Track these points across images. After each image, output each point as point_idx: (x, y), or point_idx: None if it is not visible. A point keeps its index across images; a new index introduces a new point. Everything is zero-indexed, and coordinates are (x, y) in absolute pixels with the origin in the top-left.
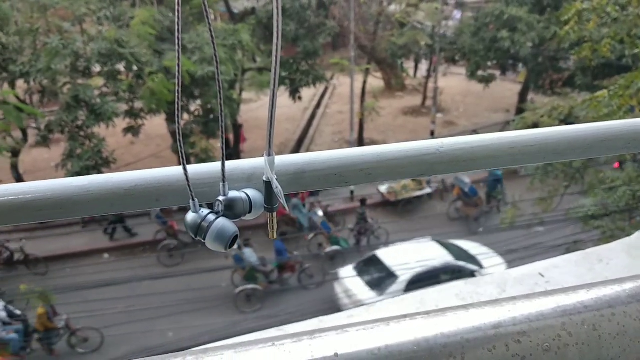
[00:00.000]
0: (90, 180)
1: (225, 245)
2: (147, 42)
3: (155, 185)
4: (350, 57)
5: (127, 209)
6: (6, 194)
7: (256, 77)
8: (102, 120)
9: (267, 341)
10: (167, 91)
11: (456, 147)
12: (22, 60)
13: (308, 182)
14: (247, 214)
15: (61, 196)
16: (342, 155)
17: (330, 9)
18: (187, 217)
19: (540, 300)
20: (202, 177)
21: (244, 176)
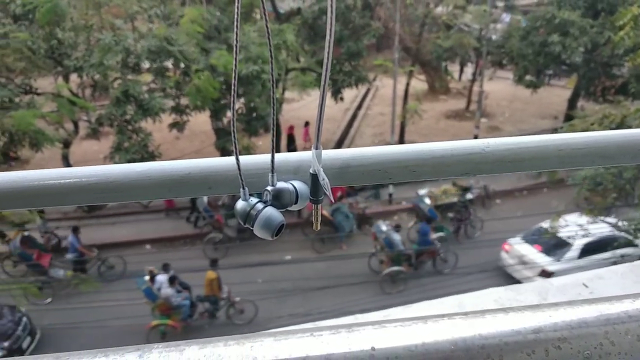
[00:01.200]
0: (149, 166)
1: (271, 233)
2: (195, 40)
3: (209, 174)
4: (394, 59)
5: (183, 195)
6: (72, 176)
7: (299, 76)
8: (149, 115)
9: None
10: (212, 89)
11: (502, 147)
12: (76, 55)
13: (353, 177)
14: (294, 204)
15: (123, 180)
16: (387, 152)
17: (376, 10)
18: (237, 204)
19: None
20: (252, 168)
21: (291, 168)
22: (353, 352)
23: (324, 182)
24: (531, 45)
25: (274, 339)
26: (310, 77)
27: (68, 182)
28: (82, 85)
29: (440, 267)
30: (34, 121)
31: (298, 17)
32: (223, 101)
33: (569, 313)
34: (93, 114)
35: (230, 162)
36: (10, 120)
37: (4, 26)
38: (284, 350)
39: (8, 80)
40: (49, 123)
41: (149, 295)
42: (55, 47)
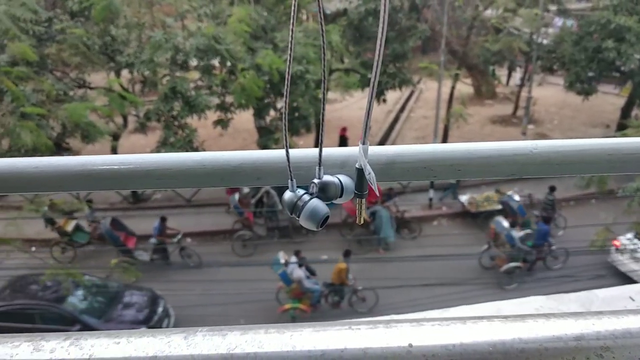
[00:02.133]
0: (204, 156)
1: (317, 224)
2: (242, 39)
3: (259, 165)
4: (439, 62)
5: (233, 184)
6: (134, 162)
7: (343, 77)
8: (195, 112)
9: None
10: (257, 87)
11: (551, 149)
12: (128, 51)
13: (397, 173)
14: (339, 197)
15: (180, 168)
16: (432, 150)
17: (423, 12)
18: (284, 195)
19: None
20: (300, 161)
21: (337, 162)
22: (390, 347)
23: (370, 177)
24: (584, 51)
25: (313, 330)
26: (354, 78)
27: (129, 168)
28: (133, 80)
29: (549, 264)
30: (86, 113)
31: (344, 18)
32: (266, 100)
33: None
34: (142, 109)
35: (280, 155)
36: (64, 112)
37: (61, 22)
38: (322, 342)
39: (63, 74)
40: (100, 116)
41: (285, 279)
42: (108, 43)
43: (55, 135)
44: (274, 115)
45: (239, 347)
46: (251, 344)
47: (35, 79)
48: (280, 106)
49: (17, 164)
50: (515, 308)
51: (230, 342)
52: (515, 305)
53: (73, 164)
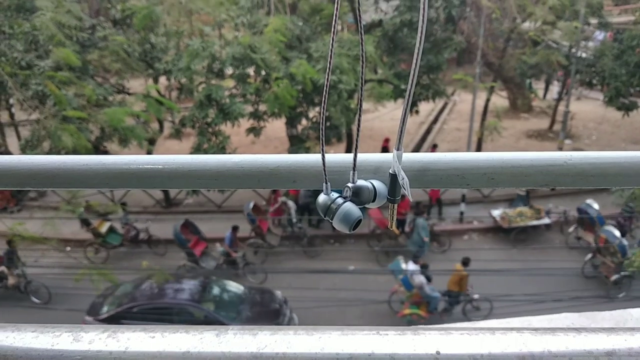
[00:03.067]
0: (243, 158)
1: (349, 227)
2: (277, 49)
3: (295, 169)
4: (474, 74)
5: (271, 186)
6: (175, 163)
7: (376, 88)
8: (229, 119)
9: (373, 329)
10: (290, 96)
11: (585, 160)
12: (166, 59)
13: (430, 180)
14: (372, 202)
15: (218, 169)
16: (466, 158)
17: (459, 23)
18: (319, 198)
19: None
20: (334, 165)
21: (371, 168)
22: (418, 354)
23: (404, 182)
24: (625, 65)
25: (341, 333)
26: (387, 89)
27: (172, 168)
28: (170, 87)
29: None
30: (124, 118)
31: (379, 28)
32: (299, 109)
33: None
34: (177, 115)
35: (315, 159)
36: (103, 116)
37: (104, 30)
38: (350, 345)
39: (104, 80)
40: (137, 121)
41: (406, 285)
42: (148, 50)
43: (94, 139)
44: (306, 124)
45: (269, 347)
46: (280, 344)
47: (77, 84)
48: (312, 115)
49: (68, 161)
50: (545, 323)
51: (260, 342)
52: (546, 320)
53: (120, 162)
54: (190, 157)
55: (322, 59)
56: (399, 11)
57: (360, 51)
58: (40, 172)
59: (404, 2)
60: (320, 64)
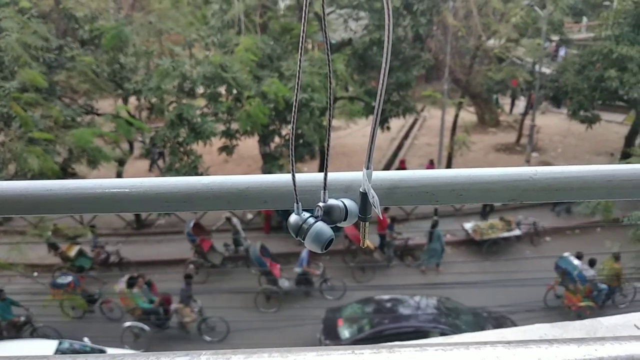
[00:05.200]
0: (212, 179)
1: (321, 247)
2: (248, 68)
3: (265, 189)
4: (443, 90)
5: (240, 207)
6: (142, 186)
7: (347, 105)
8: (201, 138)
9: (348, 349)
10: (262, 114)
11: (550, 175)
12: (136, 79)
13: (400, 198)
14: (343, 220)
15: (187, 191)
16: (434, 175)
17: (427, 41)
18: (290, 218)
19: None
20: (305, 185)
21: (342, 187)
22: None
23: (374, 200)
24: (587, 80)
25: (317, 354)
26: (358, 106)
27: (140, 191)
28: (140, 107)
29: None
30: (92, 139)
31: (349, 47)
32: (271, 127)
33: (616, 349)
34: (148, 135)
35: (286, 179)
36: (71, 137)
37: (71, 50)
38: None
39: (72, 100)
40: (106, 142)
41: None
42: (117, 71)
43: (62, 161)
44: (279, 141)
45: None
46: None
47: (44, 105)
48: (285, 133)
49: (30, 187)
50: (519, 335)
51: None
52: (519, 332)
53: (84, 187)
54: (158, 180)
55: (294, 77)
56: (368, 30)
57: (327, 69)
58: (2, 199)
59: (373, 22)
60: (292, 82)
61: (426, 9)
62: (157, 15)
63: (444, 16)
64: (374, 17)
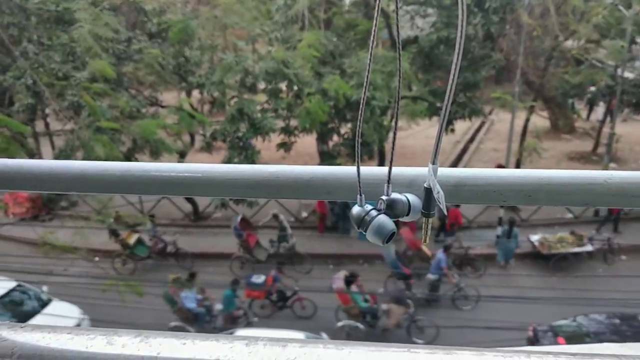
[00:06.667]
0: (278, 168)
1: (383, 240)
2: (310, 64)
3: (329, 180)
4: (514, 92)
5: (305, 197)
6: (211, 172)
7: (410, 105)
8: (260, 134)
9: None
10: (322, 112)
11: (627, 180)
12: (200, 72)
13: (466, 196)
14: (405, 215)
15: (254, 179)
16: (503, 175)
17: (498, 41)
18: (352, 210)
19: None
20: (369, 178)
21: (405, 181)
22: None
23: (439, 196)
24: None
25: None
26: (421, 106)
27: (209, 177)
28: (202, 101)
29: None
30: (156, 130)
31: (414, 45)
32: (330, 125)
33: None
34: (209, 129)
35: (350, 171)
36: (136, 128)
37: (139, 42)
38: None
39: (138, 92)
40: (169, 134)
41: None
42: (182, 64)
43: (126, 150)
44: (337, 140)
45: (298, 359)
46: (309, 356)
47: (111, 96)
48: (344, 132)
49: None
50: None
51: (289, 353)
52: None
53: (160, 169)
54: (227, 166)
55: (356, 75)
56: (436, 27)
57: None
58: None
59: (441, 19)
60: (354, 79)
61: (499, 6)
62: (222, 9)
63: (518, 14)
64: (443, 14)
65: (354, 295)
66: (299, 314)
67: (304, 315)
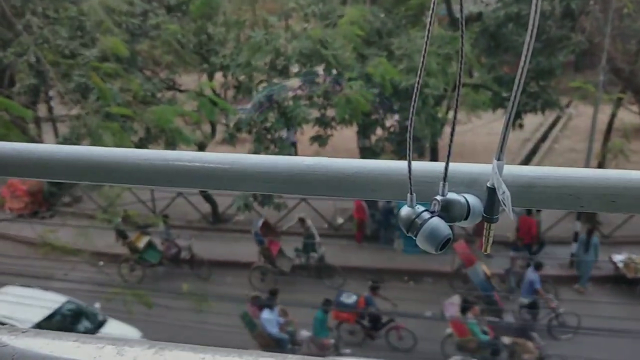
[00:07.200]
0: (317, 161)
1: (436, 247)
2: (353, 44)
3: (375, 176)
4: (597, 82)
5: (346, 195)
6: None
7: (470, 94)
8: (291, 125)
9: None
10: (365, 101)
11: None
12: (224, 52)
13: (536, 199)
14: (463, 219)
15: (289, 172)
16: (582, 175)
17: (579, 19)
18: (401, 210)
19: None
20: (422, 175)
21: (465, 180)
22: None
23: (504, 197)
24: None
25: None
26: (484, 96)
27: (238, 169)
28: (226, 85)
29: None
30: (173, 118)
31: (477, 23)
32: (374, 116)
33: None
34: (232, 118)
35: (400, 166)
36: (151, 115)
37: (157, 17)
38: None
39: (153, 73)
40: (187, 123)
41: None
42: (204, 42)
43: (138, 140)
44: (381, 134)
45: None
46: None
47: (123, 77)
48: (389, 124)
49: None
50: None
51: None
52: None
53: (183, 159)
54: (258, 157)
55: (406, 58)
56: (504, 2)
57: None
58: (99, 165)
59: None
60: (403, 63)
61: None
62: None
63: None
64: None
65: (472, 326)
66: (395, 345)
67: (401, 347)
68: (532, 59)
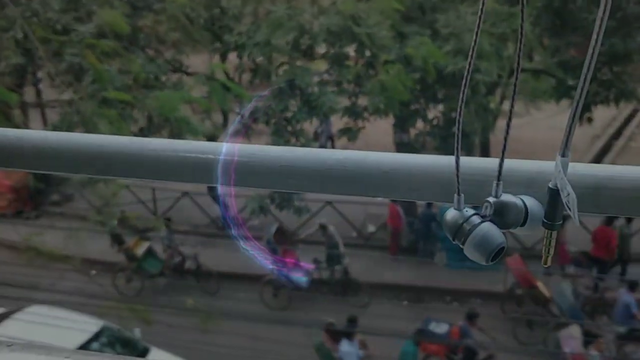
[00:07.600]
0: (347, 155)
1: (487, 257)
2: (390, 21)
3: (416, 173)
4: None
5: (382, 194)
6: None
7: (529, 82)
8: (316, 115)
9: None
10: (403, 87)
11: None
12: (240, 29)
13: (606, 203)
14: (519, 225)
15: (315, 167)
16: None
17: None
18: (447, 214)
19: None
20: (471, 173)
21: (522, 179)
22: None
23: (568, 199)
24: None
25: None
26: (546, 83)
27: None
28: (240, 68)
29: None
30: (179, 105)
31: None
32: (414, 106)
33: None
34: (247, 106)
35: (446, 163)
36: (154, 101)
37: None
38: None
39: (157, 53)
40: (195, 111)
41: None
42: (216, 17)
43: (138, 129)
44: (422, 127)
45: None
46: None
47: (123, 57)
48: (432, 116)
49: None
50: None
51: None
52: None
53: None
54: (281, 149)
55: (453, 38)
56: None
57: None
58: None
59: None
60: (450, 44)
61: None
62: None
63: None
64: None
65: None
66: None
67: None
68: (604, 40)
